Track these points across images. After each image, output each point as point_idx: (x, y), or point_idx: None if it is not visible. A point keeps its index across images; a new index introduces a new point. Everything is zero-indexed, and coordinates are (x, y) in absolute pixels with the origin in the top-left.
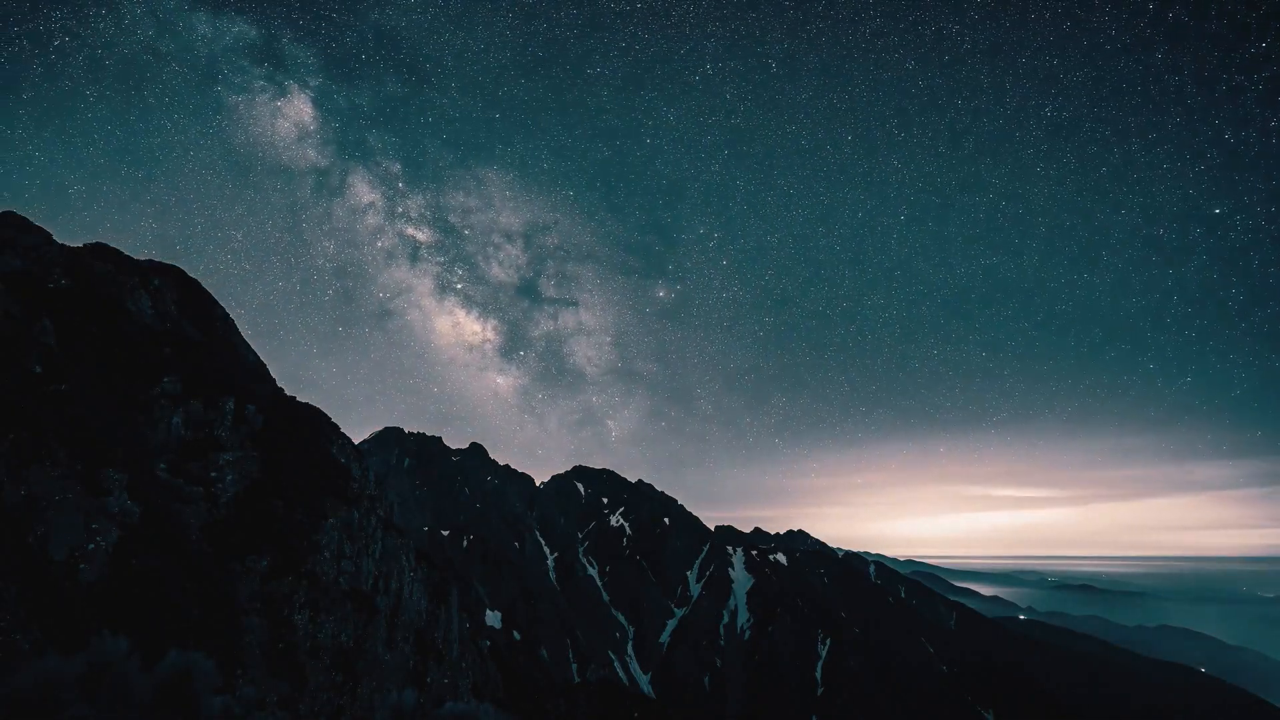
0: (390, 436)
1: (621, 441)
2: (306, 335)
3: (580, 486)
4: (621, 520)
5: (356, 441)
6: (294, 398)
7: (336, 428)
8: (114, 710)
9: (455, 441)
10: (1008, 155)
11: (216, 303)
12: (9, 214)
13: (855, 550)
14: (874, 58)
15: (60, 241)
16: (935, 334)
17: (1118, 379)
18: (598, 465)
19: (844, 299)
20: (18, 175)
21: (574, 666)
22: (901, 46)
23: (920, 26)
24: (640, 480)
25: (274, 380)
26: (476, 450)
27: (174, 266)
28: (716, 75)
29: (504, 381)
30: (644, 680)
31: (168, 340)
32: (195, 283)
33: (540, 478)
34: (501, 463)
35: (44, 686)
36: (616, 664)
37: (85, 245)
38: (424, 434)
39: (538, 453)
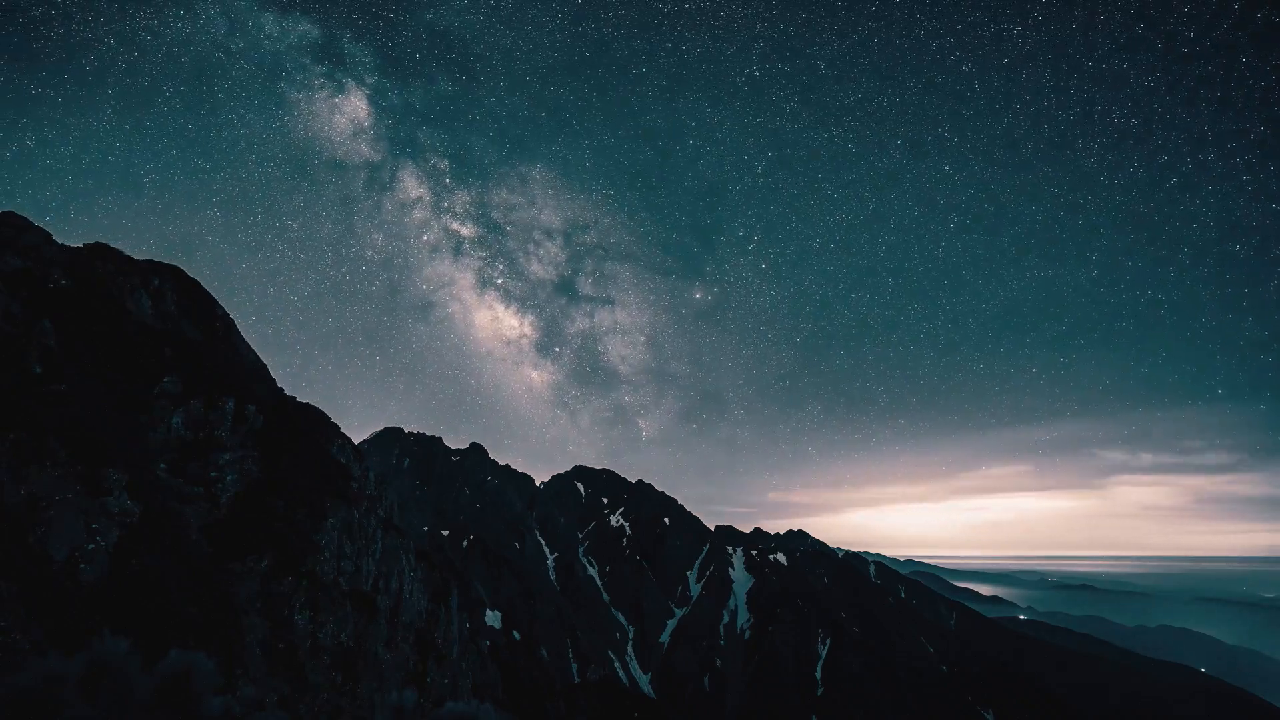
0: (390, 436)
1: (652, 442)
2: (352, 324)
3: (580, 486)
4: (621, 520)
5: (356, 441)
6: (294, 398)
7: (336, 428)
8: (114, 710)
9: (455, 441)
10: (1068, 163)
11: (216, 303)
12: (9, 214)
13: (855, 550)
14: (928, 60)
15: (62, 241)
16: (982, 347)
17: (1181, 402)
18: (629, 464)
19: (886, 307)
20: (100, 165)
21: (574, 666)
22: (958, 48)
23: (979, 28)
24: (640, 480)
25: (274, 380)
26: (476, 450)
27: (174, 266)
28: (763, 76)
29: (538, 377)
30: (644, 680)
31: (168, 340)
32: (195, 283)
33: (541, 477)
34: (502, 463)
35: (44, 686)
36: (616, 664)
37: (85, 245)
38: (424, 434)
39: (568, 448)
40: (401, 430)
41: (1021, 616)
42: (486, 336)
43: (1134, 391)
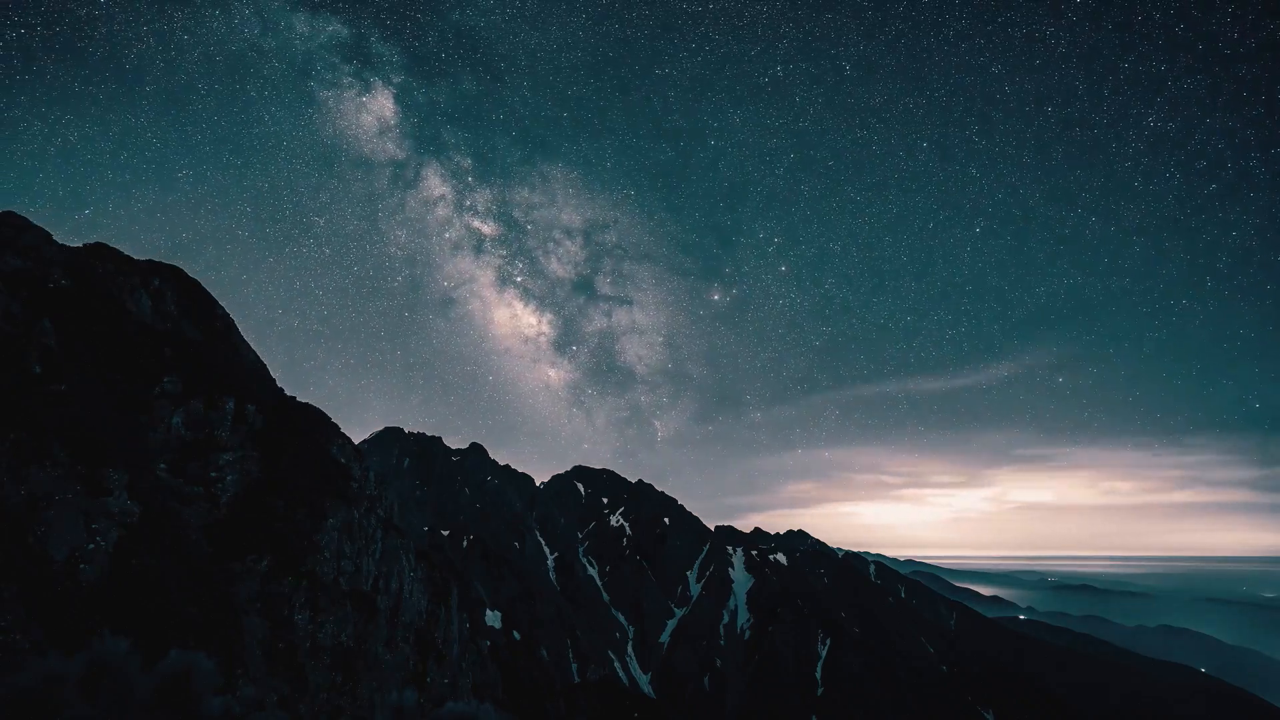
0: (390, 436)
1: (668, 442)
2: (375, 319)
3: (580, 486)
4: (621, 520)
5: (357, 441)
6: (294, 397)
7: (336, 428)
8: (114, 710)
9: (456, 441)
10: (1101, 167)
11: (216, 303)
12: (9, 214)
13: (855, 550)
14: (956, 61)
15: (62, 241)
16: (1007, 355)
17: (1217, 417)
18: (644, 464)
19: (908, 312)
20: (138, 160)
21: (574, 666)
22: (988, 49)
23: (1010, 29)
24: (640, 480)
25: (274, 380)
26: (476, 450)
27: (174, 266)
28: (787, 77)
29: (555, 375)
30: (644, 680)
31: (168, 340)
32: (195, 283)
33: (541, 477)
34: (502, 463)
35: (44, 686)
36: (616, 664)
37: (85, 245)
38: (424, 434)
39: (583, 447)
40: (401, 430)
41: (1021, 616)
42: (505, 334)
43: (1164, 403)
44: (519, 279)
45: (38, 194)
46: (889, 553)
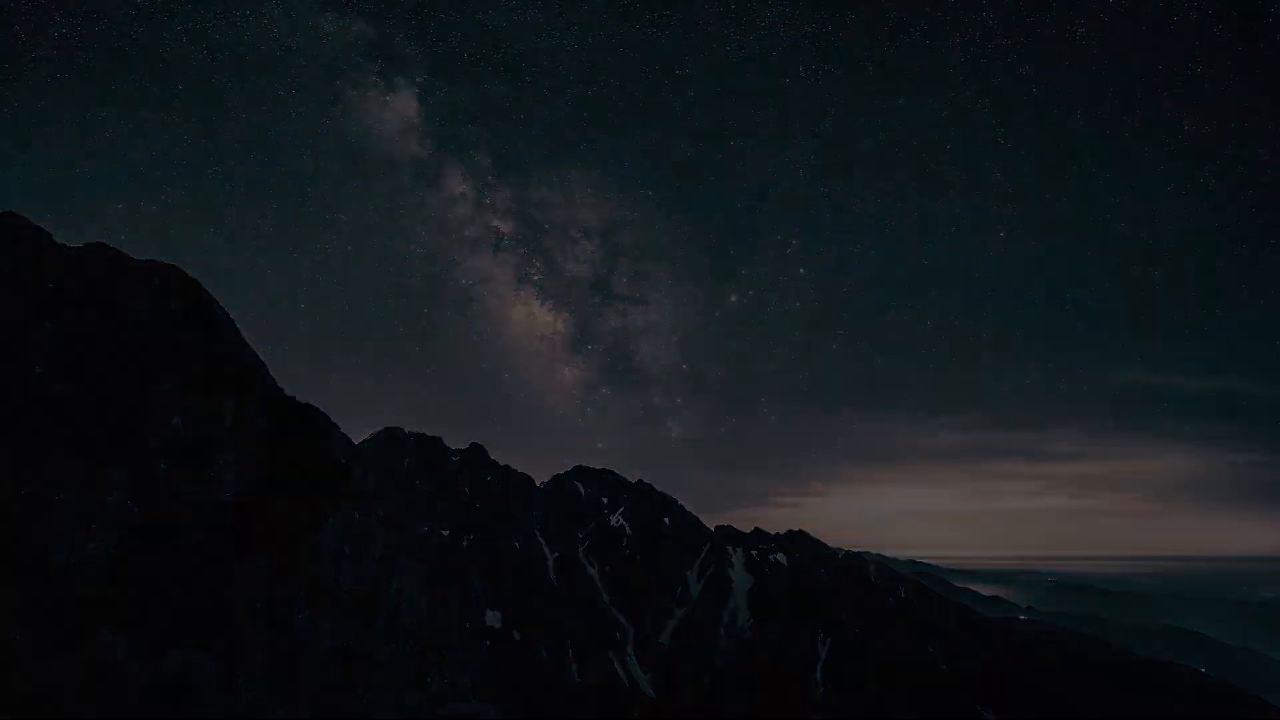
0: (390, 436)
1: (682, 443)
2: (394, 315)
3: (580, 486)
4: (621, 520)
5: (356, 441)
6: (294, 398)
7: (336, 428)
8: (114, 710)
9: (456, 441)
10: (1133, 173)
11: (216, 303)
12: (9, 214)
13: (855, 550)
14: (984, 62)
15: (61, 241)
16: (1032, 362)
17: (1252, 432)
18: (659, 465)
19: (930, 317)
20: (168, 158)
21: (574, 666)
22: (1016, 50)
23: (1039, 29)
24: (640, 480)
25: (274, 380)
26: (476, 450)
27: (174, 266)
28: (809, 78)
29: (570, 374)
30: (644, 680)
31: (168, 340)
32: (195, 283)
33: (541, 477)
34: (503, 462)
35: (44, 686)
36: (616, 664)
37: (85, 245)
38: (424, 434)
39: (597, 445)
40: (401, 430)
41: (1021, 616)
42: (521, 332)
43: (1198, 414)
44: (536, 278)
45: (73, 190)
46: (889, 553)
